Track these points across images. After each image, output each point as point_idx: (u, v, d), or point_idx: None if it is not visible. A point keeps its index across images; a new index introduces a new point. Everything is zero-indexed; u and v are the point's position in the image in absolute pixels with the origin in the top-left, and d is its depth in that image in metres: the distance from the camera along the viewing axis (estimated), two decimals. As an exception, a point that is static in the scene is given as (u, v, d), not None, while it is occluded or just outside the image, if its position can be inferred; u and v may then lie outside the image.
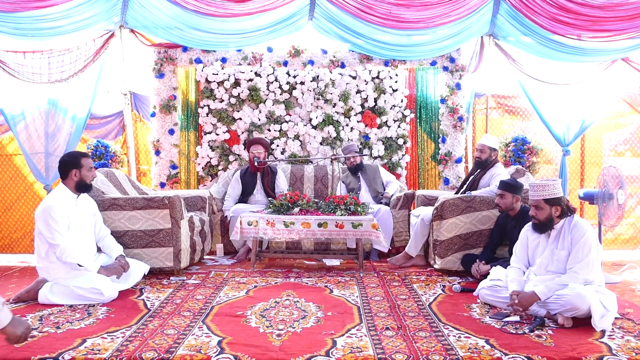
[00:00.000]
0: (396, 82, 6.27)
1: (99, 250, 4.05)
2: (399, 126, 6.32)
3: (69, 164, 3.75)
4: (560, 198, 3.36)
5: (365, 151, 6.21)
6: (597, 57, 5.76)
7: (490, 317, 3.29)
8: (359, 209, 4.67)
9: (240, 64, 6.25)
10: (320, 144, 6.29)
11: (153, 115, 6.24)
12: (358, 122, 6.28)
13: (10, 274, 4.78)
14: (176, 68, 6.25)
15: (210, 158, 6.29)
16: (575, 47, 5.63)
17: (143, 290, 3.96)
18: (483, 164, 5.01)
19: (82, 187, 3.80)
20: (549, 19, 5.42)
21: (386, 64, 6.25)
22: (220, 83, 6.22)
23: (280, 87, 6.20)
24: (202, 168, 6.32)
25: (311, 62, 6.23)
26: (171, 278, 4.38)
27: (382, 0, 5.47)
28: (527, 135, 6.19)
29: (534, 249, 3.51)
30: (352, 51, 6.20)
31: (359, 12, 5.55)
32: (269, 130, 6.25)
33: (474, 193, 4.79)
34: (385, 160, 6.31)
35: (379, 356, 2.63)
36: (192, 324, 3.16)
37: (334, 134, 6.24)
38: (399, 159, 6.34)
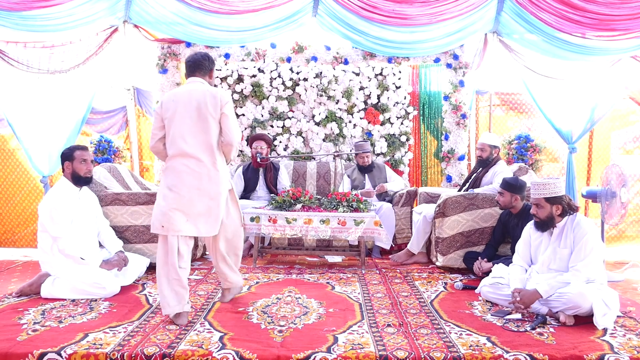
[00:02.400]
0: (399, 79, 6.26)
1: (99, 245, 4.07)
2: (401, 123, 6.31)
3: (64, 156, 3.83)
4: (562, 197, 3.35)
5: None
6: (604, 55, 5.70)
7: (492, 315, 3.29)
8: (362, 205, 4.67)
9: (243, 60, 6.24)
10: (323, 140, 6.28)
11: (156, 110, 6.23)
12: (361, 118, 6.27)
13: (12, 267, 4.80)
14: (179, 64, 6.23)
15: (213, 154, 6.28)
16: (581, 46, 5.57)
17: (145, 286, 3.98)
18: (485, 162, 5.00)
19: (78, 179, 3.82)
20: (555, 15, 5.38)
21: (389, 60, 6.23)
22: (224, 79, 6.22)
23: (283, 83, 6.19)
24: (205, 164, 6.30)
25: (314, 59, 6.21)
26: (173, 273, 4.38)
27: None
28: (533, 133, 6.16)
29: (536, 247, 3.50)
30: (356, 48, 6.18)
31: (362, 11, 5.53)
32: (272, 126, 6.24)
33: (476, 191, 4.78)
34: (388, 157, 6.31)
35: (380, 353, 2.63)
36: (194, 320, 3.16)
37: (336, 131, 6.23)
38: (402, 156, 6.33)
